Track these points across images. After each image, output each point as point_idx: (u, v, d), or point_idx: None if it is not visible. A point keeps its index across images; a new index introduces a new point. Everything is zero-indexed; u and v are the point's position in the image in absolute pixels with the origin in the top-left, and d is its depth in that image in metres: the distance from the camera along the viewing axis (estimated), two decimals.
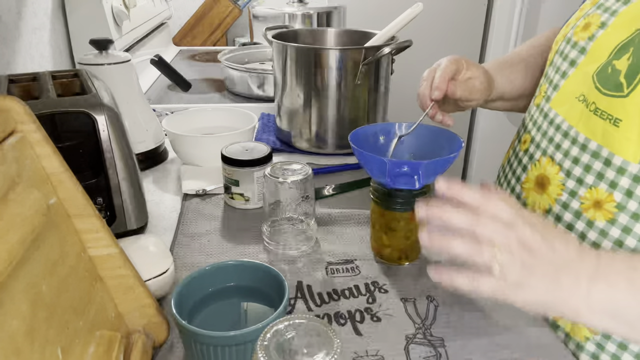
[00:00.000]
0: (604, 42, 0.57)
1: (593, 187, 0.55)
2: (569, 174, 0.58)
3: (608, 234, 0.54)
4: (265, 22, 1.65)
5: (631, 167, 0.52)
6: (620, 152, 0.52)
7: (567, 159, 0.59)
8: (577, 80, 0.60)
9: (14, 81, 0.70)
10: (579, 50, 0.61)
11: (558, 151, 0.60)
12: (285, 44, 0.94)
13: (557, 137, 0.61)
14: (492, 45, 2.08)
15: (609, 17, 0.58)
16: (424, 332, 0.55)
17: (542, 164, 0.63)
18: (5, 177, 0.39)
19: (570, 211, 0.58)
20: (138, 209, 0.70)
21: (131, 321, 0.50)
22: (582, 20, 0.62)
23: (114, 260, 0.49)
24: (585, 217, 0.56)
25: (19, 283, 0.36)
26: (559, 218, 0.60)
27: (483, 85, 0.73)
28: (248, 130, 0.91)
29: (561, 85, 0.62)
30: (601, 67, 0.56)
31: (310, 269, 0.66)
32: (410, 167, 0.59)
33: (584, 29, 0.61)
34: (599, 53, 0.57)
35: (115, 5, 1.31)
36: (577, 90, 0.59)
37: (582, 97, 0.58)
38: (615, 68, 0.54)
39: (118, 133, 0.66)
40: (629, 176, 0.52)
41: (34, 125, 0.44)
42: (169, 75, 1.31)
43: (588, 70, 0.58)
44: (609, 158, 0.54)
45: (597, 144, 0.55)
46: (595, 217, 0.55)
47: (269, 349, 0.36)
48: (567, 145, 0.59)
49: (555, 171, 0.60)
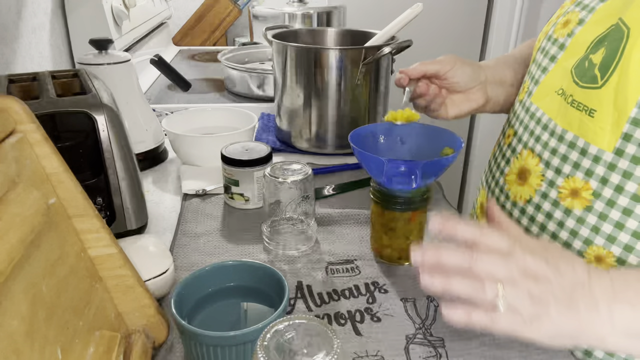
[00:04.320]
0: (582, 37, 0.59)
1: (570, 177, 0.57)
2: (548, 165, 0.59)
3: (585, 221, 0.55)
4: (265, 22, 1.65)
5: (605, 156, 0.53)
6: (595, 141, 0.54)
7: (546, 150, 0.60)
8: (556, 75, 0.61)
9: (14, 81, 0.70)
10: (558, 46, 0.62)
11: (538, 143, 0.62)
12: (285, 44, 0.93)
13: (537, 130, 0.62)
14: (492, 45, 2.08)
15: (586, 14, 0.60)
16: (424, 332, 0.55)
17: (524, 157, 0.64)
18: (5, 177, 0.39)
19: (549, 201, 0.59)
20: (138, 209, 0.70)
21: (131, 321, 0.50)
22: (562, 18, 0.64)
23: (114, 260, 0.49)
24: (563, 206, 0.57)
25: (18, 283, 0.36)
26: (538, 207, 0.61)
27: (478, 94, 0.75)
28: (248, 130, 0.91)
29: (541, 80, 0.64)
30: (579, 61, 0.58)
31: (310, 269, 0.66)
32: (408, 167, 0.59)
33: (563, 25, 0.63)
34: (577, 48, 0.59)
35: (115, 5, 1.31)
36: (557, 84, 0.61)
37: (560, 90, 0.59)
38: (591, 62, 0.56)
39: (118, 133, 0.66)
40: (604, 164, 0.53)
41: (34, 125, 0.44)
42: (168, 75, 1.31)
43: (567, 65, 0.60)
44: (584, 148, 0.55)
45: (574, 134, 0.56)
46: (573, 205, 0.56)
47: (269, 349, 0.36)
48: (546, 137, 0.60)
49: (535, 163, 0.62)
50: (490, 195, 0.71)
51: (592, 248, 0.55)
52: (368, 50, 0.90)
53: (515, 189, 0.65)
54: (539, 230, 0.60)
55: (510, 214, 0.65)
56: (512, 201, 0.65)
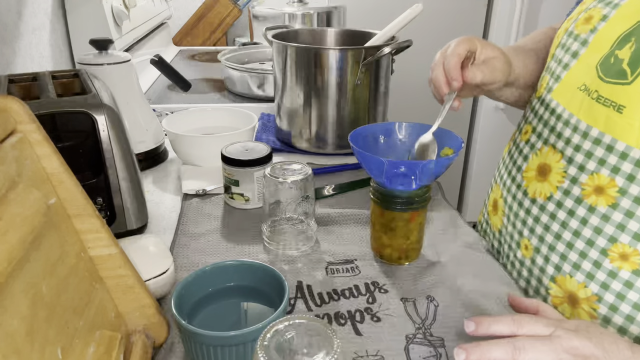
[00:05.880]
0: (606, 33, 0.58)
1: (595, 173, 0.56)
2: (571, 161, 0.59)
3: (610, 219, 0.55)
4: (265, 22, 1.65)
5: (633, 152, 0.53)
6: (623, 137, 0.54)
7: (568, 146, 0.60)
8: (579, 71, 0.61)
9: (14, 81, 0.70)
10: (580, 42, 0.62)
11: (560, 139, 0.61)
12: (285, 44, 0.93)
13: (558, 126, 0.62)
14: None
15: (610, 10, 0.59)
16: (424, 332, 0.55)
17: (544, 153, 0.63)
18: (5, 177, 0.39)
19: (571, 198, 0.59)
20: (138, 209, 0.70)
21: (131, 321, 0.50)
22: (583, 14, 0.64)
23: (114, 260, 0.49)
24: (587, 203, 0.57)
25: (19, 283, 0.36)
26: (560, 204, 0.61)
27: (504, 65, 0.67)
28: (248, 130, 0.91)
29: (563, 77, 0.63)
30: (604, 57, 0.57)
31: (310, 269, 0.66)
32: (408, 167, 0.59)
33: (585, 22, 0.62)
34: (601, 44, 0.59)
35: (115, 5, 1.31)
36: (579, 80, 0.60)
37: (583, 86, 0.59)
38: (618, 57, 0.55)
39: (118, 133, 0.66)
40: (631, 161, 0.53)
41: (34, 125, 0.44)
42: (168, 75, 1.31)
43: (590, 61, 0.59)
44: (611, 144, 0.55)
45: (599, 131, 0.56)
46: (597, 202, 0.56)
47: (269, 349, 0.36)
48: (568, 133, 0.60)
49: (556, 159, 0.61)
50: (505, 192, 0.71)
51: (617, 246, 0.55)
52: (368, 50, 0.90)
53: (535, 186, 0.64)
54: (561, 227, 0.60)
55: (528, 211, 0.65)
56: (530, 198, 0.65)
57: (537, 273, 0.64)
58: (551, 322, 0.46)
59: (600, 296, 0.57)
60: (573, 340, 0.44)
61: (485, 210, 0.80)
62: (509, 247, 0.70)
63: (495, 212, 0.75)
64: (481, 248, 0.71)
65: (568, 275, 0.60)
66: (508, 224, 0.70)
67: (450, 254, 0.69)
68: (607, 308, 0.57)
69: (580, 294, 0.59)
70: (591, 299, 0.58)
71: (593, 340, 0.44)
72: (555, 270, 0.62)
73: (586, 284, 0.58)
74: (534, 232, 0.64)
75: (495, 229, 0.75)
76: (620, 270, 0.55)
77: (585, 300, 0.59)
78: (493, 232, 0.76)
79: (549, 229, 0.62)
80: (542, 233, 0.63)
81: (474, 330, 0.47)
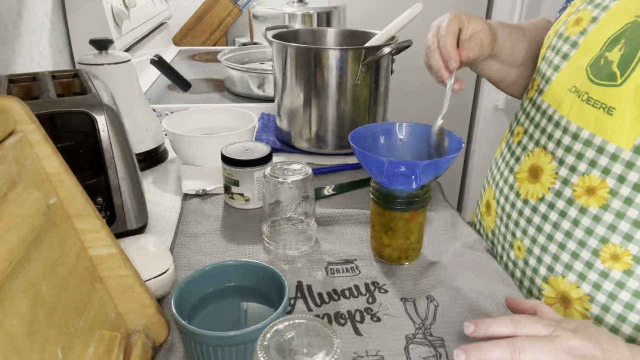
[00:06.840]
0: (596, 35, 0.59)
1: (586, 175, 0.57)
2: (562, 163, 0.60)
3: (601, 219, 0.55)
4: (265, 22, 1.65)
5: (624, 154, 0.53)
6: (614, 139, 0.54)
7: (559, 148, 0.60)
8: (569, 73, 0.61)
9: (14, 81, 0.70)
10: (570, 44, 0.62)
11: (550, 141, 0.62)
12: (285, 44, 0.93)
13: (549, 128, 0.62)
14: None
15: (600, 12, 0.60)
16: (424, 332, 0.55)
17: (535, 154, 0.64)
18: (5, 177, 0.39)
19: (563, 199, 0.59)
20: (138, 209, 0.70)
21: (131, 321, 0.50)
22: (573, 16, 0.64)
23: (114, 260, 0.49)
24: (578, 205, 0.58)
25: (19, 283, 0.36)
26: (552, 206, 0.61)
27: (489, 39, 0.67)
28: (248, 130, 0.91)
29: (554, 78, 0.63)
30: (594, 59, 0.58)
31: (310, 269, 0.66)
32: (408, 167, 0.59)
33: (575, 23, 0.62)
34: (591, 46, 0.59)
35: (115, 5, 1.31)
36: (569, 82, 0.60)
37: (573, 88, 0.59)
38: (607, 59, 0.56)
39: (118, 133, 0.66)
40: (622, 162, 0.53)
41: (34, 125, 0.44)
42: (168, 75, 1.31)
43: (581, 62, 0.60)
44: (602, 146, 0.55)
45: (590, 132, 0.56)
46: (589, 203, 0.57)
47: (269, 349, 0.36)
48: (558, 134, 0.60)
49: (548, 160, 0.62)
50: (498, 193, 0.71)
51: (608, 246, 0.55)
52: (368, 50, 0.90)
53: (526, 187, 0.65)
54: (552, 228, 0.61)
55: (520, 212, 0.65)
56: (522, 199, 0.65)
57: (530, 274, 0.65)
58: (550, 323, 0.46)
59: (593, 296, 0.57)
60: (572, 340, 0.44)
61: (478, 211, 0.80)
62: (502, 248, 0.70)
63: (488, 213, 0.75)
64: (481, 248, 0.71)
65: (560, 276, 0.60)
66: (501, 225, 0.70)
67: (450, 254, 0.69)
68: (599, 308, 0.57)
69: (572, 294, 0.59)
70: (583, 299, 0.58)
71: (592, 341, 0.44)
72: (547, 270, 0.62)
73: (578, 284, 0.58)
74: (526, 233, 0.65)
75: (488, 229, 0.75)
76: (611, 271, 0.55)
77: (577, 301, 0.59)
78: (486, 233, 0.76)
79: (541, 230, 0.62)
80: (534, 234, 0.63)
81: (473, 331, 0.47)
